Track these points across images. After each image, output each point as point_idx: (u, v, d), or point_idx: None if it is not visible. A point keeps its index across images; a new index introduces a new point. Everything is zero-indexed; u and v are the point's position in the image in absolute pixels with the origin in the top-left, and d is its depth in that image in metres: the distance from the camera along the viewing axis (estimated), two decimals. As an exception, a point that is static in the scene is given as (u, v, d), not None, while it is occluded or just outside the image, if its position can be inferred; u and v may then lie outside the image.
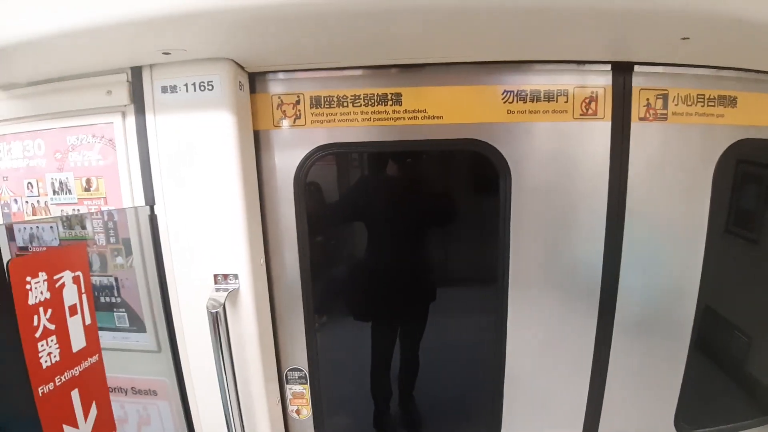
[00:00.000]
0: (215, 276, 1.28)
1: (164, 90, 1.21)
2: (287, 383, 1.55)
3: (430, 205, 1.58)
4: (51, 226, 1.36)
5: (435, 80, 1.32)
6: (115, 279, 1.36)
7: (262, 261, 1.39)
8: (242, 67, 1.26)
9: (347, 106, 1.33)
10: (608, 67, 1.33)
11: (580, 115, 1.34)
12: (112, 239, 1.33)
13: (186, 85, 1.20)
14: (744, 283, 1.70)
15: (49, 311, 1.01)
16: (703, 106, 1.39)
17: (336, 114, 1.34)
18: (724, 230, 1.59)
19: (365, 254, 1.61)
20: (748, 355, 1.77)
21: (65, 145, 1.33)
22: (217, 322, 1.21)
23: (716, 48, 1.24)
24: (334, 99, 1.33)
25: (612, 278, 1.46)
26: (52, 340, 1.02)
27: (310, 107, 1.34)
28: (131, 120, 1.27)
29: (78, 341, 1.09)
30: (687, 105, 1.38)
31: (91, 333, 1.13)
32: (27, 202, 1.40)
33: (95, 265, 1.35)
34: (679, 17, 0.98)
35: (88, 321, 1.13)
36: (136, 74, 1.23)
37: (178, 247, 1.28)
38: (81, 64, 1.22)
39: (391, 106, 1.33)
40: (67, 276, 1.07)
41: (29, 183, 1.38)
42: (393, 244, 1.61)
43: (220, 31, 1.01)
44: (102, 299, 1.36)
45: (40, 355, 0.98)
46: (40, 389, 0.98)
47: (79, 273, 1.10)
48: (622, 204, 1.41)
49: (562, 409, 1.58)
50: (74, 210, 1.36)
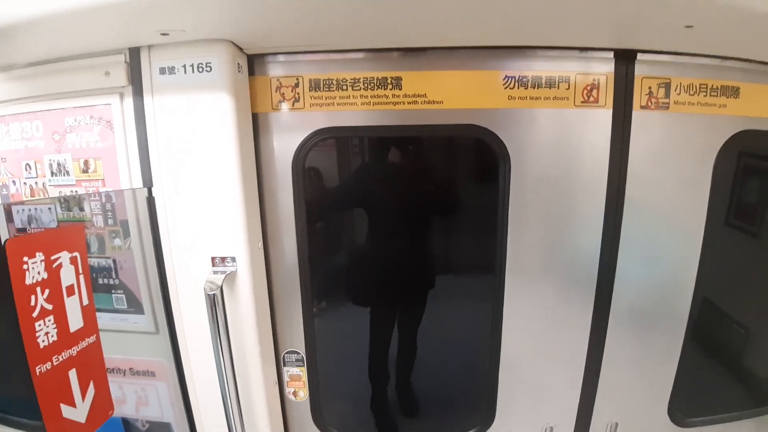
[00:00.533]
0: (213, 258, 1.28)
1: (162, 71, 1.20)
2: (284, 365, 1.56)
3: (430, 192, 1.58)
4: (49, 208, 1.36)
5: (436, 64, 1.30)
6: (113, 261, 1.36)
7: (260, 244, 1.39)
8: (241, 49, 1.25)
9: (347, 90, 1.32)
10: (611, 54, 1.32)
11: (582, 102, 1.33)
12: (110, 221, 1.33)
13: (184, 66, 1.19)
14: (743, 276, 1.70)
15: (47, 291, 1.01)
16: (705, 95, 1.38)
17: (335, 97, 1.32)
18: (724, 222, 1.59)
19: (364, 240, 1.61)
20: (745, 348, 1.78)
21: (63, 127, 1.32)
22: (215, 304, 1.21)
23: (720, 37, 1.23)
24: (334, 82, 1.31)
25: (609, 268, 1.46)
26: (49, 320, 1.02)
27: (309, 90, 1.32)
28: (129, 101, 1.26)
29: (75, 321, 1.09)
30: (689, 94, 1.37)
31: (89, 313, 1.13)
32: (25, 183, 1.40)
33: (93, 247, 1.34)
34: (683, 4, 0.97)
35: (85, 301, 1.13)
36: (134, 55, 1.22)
37: (176, 229, 1.28)
38: (79, 44, 1.21)
39: (391, 90, 1.31)
40: (64, 256, 1.07)
41: (27, 164, 1.38)
42: (392, 230, 1.61)
43: (219, 10, 1.00)
44: (100, 281, 1.37)
45: (37, 334, 0.98)
46: (37, 368, 0.98)
47: (76, 254, 1.10)
48: (621, 193, 1.40)
49: (556, 396, 1.59)
50: (72, 192, 1.36)
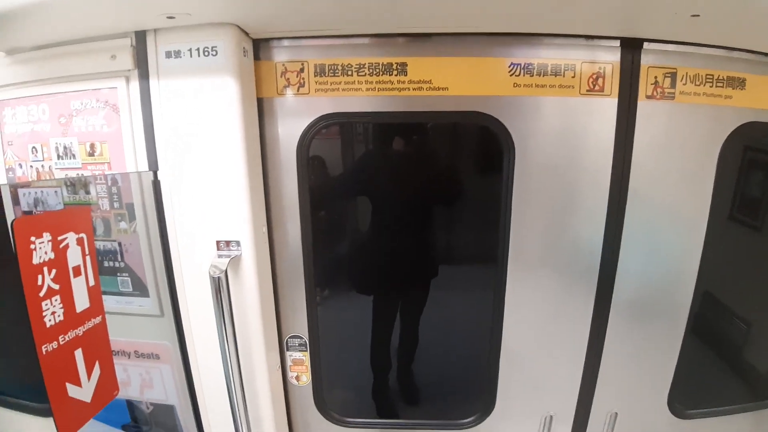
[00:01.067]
0: (218, 242, 1.29)
1: (168, 55, 1.20)
2: (287, 350, 1.57)
3: (434, 180, 1.57)
4: (55, 191, 1.37)
5: (441, 51, 1.30)
6: (119, 244, 1.37)
7: (264, 229, 1.39)
8: (246, 33, 1.25)
9: (352, 75, 1.32)
10: (617, 43, 1.31)
11: (587, 91, 1.33)
12: (115, 204, 1.34)
13: (190, 50, 1.19)
14: (746, 271, 1.69)
15: (54, 271, 1.02)
16: (711, 86, 1.37)
17: (340, 83, 1.32)
18: (728, 216, 1.58)
19: (368, 228, 1.62)
20: (746, 342, 1.78)
21: (69, 110, 1.32)
22: (219, 287, 1.22)
23: (726, 28, 1.22)
24: (339, 67, 1.31)
25: (611, 258, 1.46)
26: (56, 300, 1.03)
27: (314, 75, 1.32)
28: (135, 85, 1.26)
29: (82, 302, 1.10)
30: (695, 85, 1.36)
31: (95, 294, 1.14)
32: (32, 166, 1.40)
33: (99, 230, 1.36)
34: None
35: (92, 282, 1.14)
36: (140, 39, 1.22)
37: (181, 212, 1.29)
38: (85, 28, 1.21)
39: (396, 76, 1.31)
40: (71, 237, 1.08)
41: (34, 147, 1.38)
42: (396, 218, 1.61)
43: (225, -8, 1.01)
44: (106, 264, 1.38)
45: (44, 314, 0.99)
46: (43, 347, 0.99)
47: (83, 235, 1.11)
48: (625, 183, 1.40)
49: (556, 386, 1.60)
50: (78, 175, 1.36)
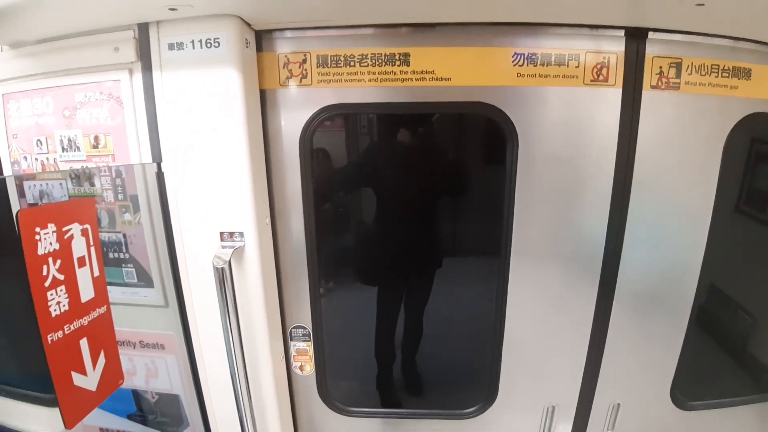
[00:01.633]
0: (221, 233, 1.30)
1: (171, 47, 1.21)
2: (291, 340, 1.58)
3: (437, 171, 1.57)
4: (60, 183, 1.38)
5: (444, 41, 1.29)
6: (124, 235, 1.38)
7: (268, 220, 1.40)
8: (249, 25, 1.25)
9: (354, 66, 1.31)
10: (622, 32, 1.30)
11: (591, 81, 1.32)
12: (120, 196, 1.35)
13: (192, 42, 1.19)
14: (751, 263, 1.68)
15: (59, 262, 1.03)
16: (717, 76, 1.36)
17: (343, 74, 1.32)
18: (733, 208, 1.57)
19: (371, 219, 1.62)
20: (750, 335, 1.77)
21: (73, 103, 1.33)
22: (223, 278, 1.23)
23: (732, 17, 1.21)
24: (341, 58, 1.31)
25: (615, 250, 1.46)
26: (61, 290, 1.04)
27: (317, 66, 1.32)
28: (138, 77, 1.26)
29: (87, 292, 1.12)
30: (700, 75, 1.35)
31: (100, 285, 1.16)
32: (36, 159, 1.41)
33: (104, 222, 1.37)
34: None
35: (96, 273, 1.15)
36: (143, 31, 1.22)
37: (185, 204, 1.29)
38: (88, 21, 1.22)
39: (398, 66, 1.30)
40: (75, 228, 1.09)
41: (38, 140, 1.39)
42: (399, 210, 1.61)
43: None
44: (110, 255, 1.39)
45: (49, 303, 1.00)
46: (49, 337, 1.00)
47: (87, 226, 1.12)
48: (629, 174, 1.39)
49: (559, 377, 1.60)
50: (83, 167, 1.37)
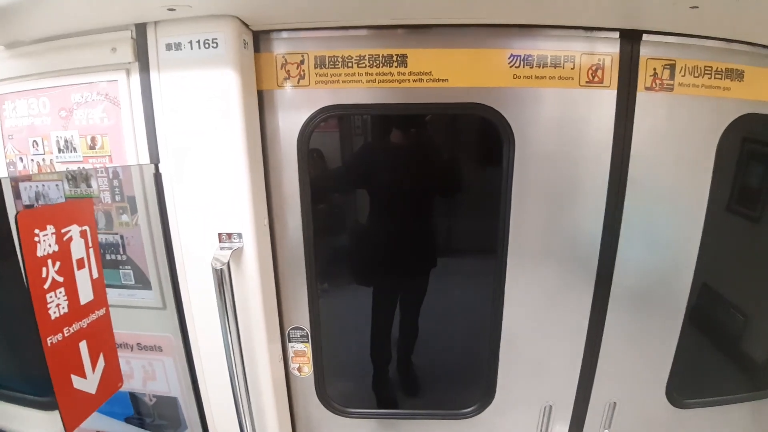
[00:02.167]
0: (219, 235, 1.30)
1: (168, 47, 1.20)
2: (289, 341, 1.58)
3: (434, 172, 1.58)
4: (57, 184, 1.37)
5: (441, 42, 1.30)
6: (121, 237, 1.38)
7: (266, 221, 1.40)
8: (247, 25, 1.25)
9: (352, 67, 1.32)
10: (616, 34, 1.31)
11: (586, 82, 1.33)
12: (117, 197, 1.34)
13: (190, 42, 1.19)
14: (744, 261, 1.71)
15: (58, 264, 1.02)
16: (710, 78, 1.38)
17: (340, 75, 1.32)
18: (726, 207, 1.59)
19: (369, 220, 1.62)
20: (744, 333, 1.79)
21: (70, 103, 1.32)
22: (221, 279, 1.23)
23: (725, 19, 1.23)
24: (339, 59, 1.31)
25: (610, 249, 1.48)
26: (60, 292, 1.03)
27: (315, 67, 1.32)
28: (136, 78, 1.26)
29: (86, 294, 1.11)
30: (694, 76, 1.37)
31: (98, 286, 1.15)
32: (32, 160, 1.41)
33: (101, 223, 1.36)
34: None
35: (95, 275, 1.14)
36: (140, 31, 1.22)
37: (183, 205, 1.29)
38: (85, 21, 1.21)
39: (396, 67, 1.31)
40: (74, 230, 1.08)
41: (34, 141, 1.38)
42: (397, 210, 1.62)
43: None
44: (108, 257, 1.38)
45: (48, 306, 1.00)
46: (48, 339, 0.99)
47: (86, 227, 1.11)
48: (624, 174, 1.41)
49: (555, 375, 1.62)
50: (79, 168, 1.36)
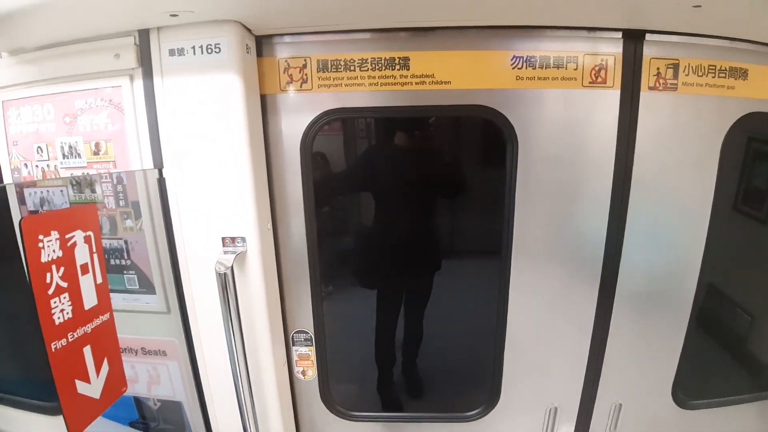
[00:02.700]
0: (223, 239, 1.30)
1: (172, 53, 1.21)
2: (293, 345, 1.58)
3: (437, 174, 1.58)
4: (61, 190, 1.38)
5: (443, 44, 1.30)
6: (125, 242, 1.38)
7: (269, 225, 1.40)
8: (249, 30, 1.25)
9: (354, 71, 1.32)
10: (619, 34, 1.31)
11: (590, 83, 1.33)
12: (121, 202, 1.35)
13: (193, 47, 1.19)
14: (750, 262, 1.69)
15: (62, 269, 1.02)
16: (714, 77, 1.37)
17: (343, 78, 1.32)
18: (731, 207, 1.58)
19: (372, 223, 1.63)
20: (750, 334, 1.78)
21: (74, 109, 1.33)
22: (225, 283, 1.23)
23: (728, 18, 1.22)
24: (341, 63, 1.31)
25: (615, 249, 1.47)
26: (64, 298, 1.03)
27: (317, 71, 1.32)
28: (139, 83, 1.27)
29: (90, 299, 1.11)
30: (698, 75, 1.36)
31: (103, 291, 1.15)
32: (37, 166, 1.41)
33: (105, 228, 1.36)
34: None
35: (99, 280, 1.14)
36: (143, 37, 1.23)
37: (187, 209, 1.30)
38: (88, 27, 1.22)
39: (398, 70, 1.31)
40: (78, 235, 1.08)
41: (39, 147, 1.39)
42: (400, 213, 1.62)
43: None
44: (112, 261, 1.39)
45: (52, 311, 1.00)
46: (53, 345, 0.99)
47: (90, 233, 1.12)
48: (628, 175, 1.40)
49: (560, 377, 1.61)
50: (84, 174, 1.37)
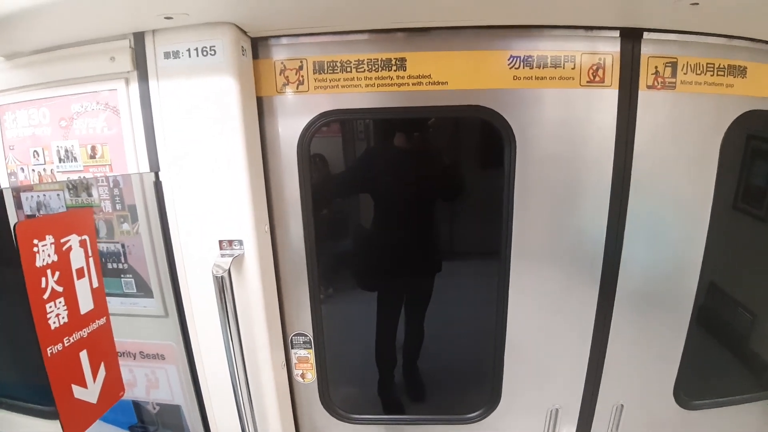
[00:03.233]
0: (220, 242, 1.29)
1: (167, 56, 1.20)
2: (292, 348, 1.58)
3: (435, 175, 1.57)
4: (58, 194, 1.37)
5: (440, 45, 1.29)
6: (122, 245, 1.38)
7: (267, 228, 1.39)
8: (245, 32, 1.25)
9: (351, 72, 1.31)
10: (617, 33, 1.30)
11: (587, 82, 1.32)
12: (118, 206, 1.34)
13: (188, 50, 1.19)
14: (750, 260, 1.69)
15: (57, 274, 1.02)
16: (712, 75, 1.36)
17: (339, 80, 1.32)
18: (731, 206, 1.57)
19: (371, 224, 1.62)
20: (751, 332, 1.77)
21: (70, 113, 1.33)
22: (223, 286, 1.22)
23: (727, 16, 1.22)
24: (338, 64, 1.31)
25: (615, 249, 1.46)
26: (60, 302, 1.03)
27: (314, 73, 1.32)
28: (135, 86, 1.26)
29: (86, 303, 1.11)
30: (696, 74, 1.35)
31: (99, 296, 1.15)
32: (33, 170, 1.41)
33: (102, 232, 1.36)
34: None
35: (95, 284, 1.14)
36: (138, 40, 1.22)
37: (184, 213, 1.29)
38: (83, 30, 1.22)
39: (395, 71, 1.31)
40: (73, 239, 1.08)
41: (35, 151, 1.39)
42: (398, 214, 1.61)
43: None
44: (109, 265, 1.38)
45: (48, 316, 0.99)
46: (48, 349, 0.99)
47: (85, 237, 1.11)
48: (627, 175, 1.40)
49: (561, 378, 1.60)
50: (80, 178, 1.36)
